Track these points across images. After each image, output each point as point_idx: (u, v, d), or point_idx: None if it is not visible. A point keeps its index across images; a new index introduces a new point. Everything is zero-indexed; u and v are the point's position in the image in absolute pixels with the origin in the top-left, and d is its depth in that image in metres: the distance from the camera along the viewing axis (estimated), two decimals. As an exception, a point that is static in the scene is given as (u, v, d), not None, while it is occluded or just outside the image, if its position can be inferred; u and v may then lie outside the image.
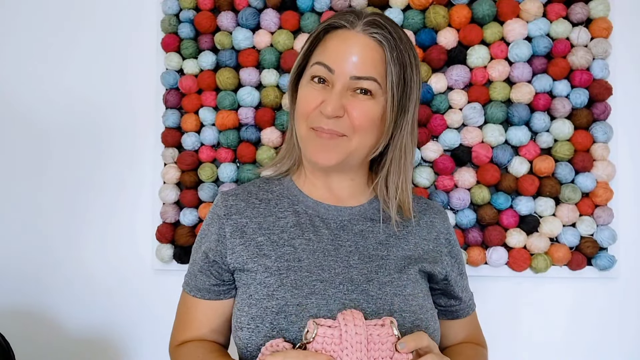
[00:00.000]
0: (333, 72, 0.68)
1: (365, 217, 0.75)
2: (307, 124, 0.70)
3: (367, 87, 0.68)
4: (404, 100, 0.71)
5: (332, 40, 0.70)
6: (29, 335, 1.26)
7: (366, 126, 0.69)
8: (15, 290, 1.27)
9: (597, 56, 1.09)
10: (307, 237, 0.71)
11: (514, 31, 1.10)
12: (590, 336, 1.14)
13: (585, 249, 1.09)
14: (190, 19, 1.20)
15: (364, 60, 0.68)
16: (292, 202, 0.76)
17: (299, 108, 0.72)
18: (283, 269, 0.69)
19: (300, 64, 0.75)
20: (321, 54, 0.70)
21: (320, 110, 0.68)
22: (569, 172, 1.09)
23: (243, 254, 0.71)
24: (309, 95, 0.70)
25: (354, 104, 0.68)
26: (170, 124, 1.21)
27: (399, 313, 0.66)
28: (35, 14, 1.30)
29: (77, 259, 1.26)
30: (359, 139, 0.69)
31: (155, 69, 1.23)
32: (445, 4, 1.13)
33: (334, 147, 0.69)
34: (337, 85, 0.68)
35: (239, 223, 0.74)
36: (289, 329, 0.64)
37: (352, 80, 0.68)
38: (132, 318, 1.24)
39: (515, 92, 1.10)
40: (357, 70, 0.67)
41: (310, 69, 0.71)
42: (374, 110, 0.69)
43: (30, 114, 1.29)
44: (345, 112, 0.68)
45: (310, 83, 0.71)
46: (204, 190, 1.17)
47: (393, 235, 0.74)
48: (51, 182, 1.27)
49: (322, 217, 0.74)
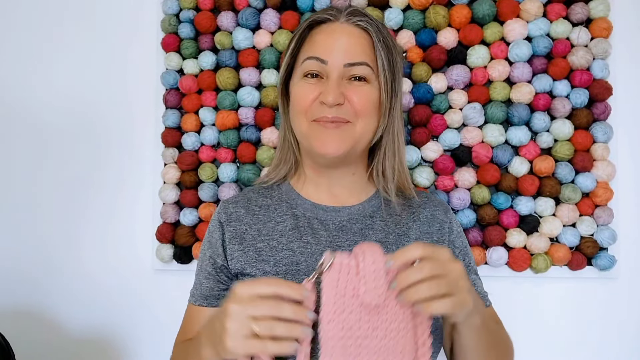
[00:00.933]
0: (326, 63, 0.69)
1: (365, 214, 0.75)
2: (307, 118, 0.71)
3: (361, 73, 0.69)
4: (394, 83, 0.73)
5: (319, 34, 0.72)
6: (29, 335, 1.25)
7: (368, 110, 0.70)
8: (15, 291, 1.27)
9: (597, 56, 1.09)
10: (306, 240, 0.71)
11: (514, 31, 1.10)
12: (590, 336, 1.14)
13: (585, 249, 1.09)
14: (190, 19, 1.20)
15: (354, 47, 0.69)
16: (290, 205, 0.76)
17: (295, 105, 0.72)
18: (281, 273, 0.69)
19: (288, 64, 0.75)
20: (310, 50, 0.71)
21: (320, 100, 0.69)
22: (569, 172, 1.09)
23: (241, 259, 0.72)
24: (304, 91, 0.71)
25: (352, 90, 0.69)
26: (170, 124, 1.21)
27: None
28: (35, 14, 1.29)
29: (77, 259, 1.26)
30: (363, 124, 0.70)
31: (155, 69, 1.23)
32: (445, 4, 1.13)
33: (340, 135, 0.69)
34: (333, 74, 0.69)
35: (238, 230, 0.74)
36: None
37: (346, 67, 0.69)
38: (132, 318, 1.24)
39: (515, 92, 1.10)
40: (349, 57, 0.69)
41: (301, 66, 0.72)
42: (372, 94, 0.70)
43: (29, 114, 1.29)
44: (346, 99, 0.69)
45: (303, 79, 0.71)
46: (204, 190, 1.17)
47: (393, 232, 0.74)
48: (51, 182, 1.27)
49: (321, 219, 0.74)
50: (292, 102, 0.74)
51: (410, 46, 1.13)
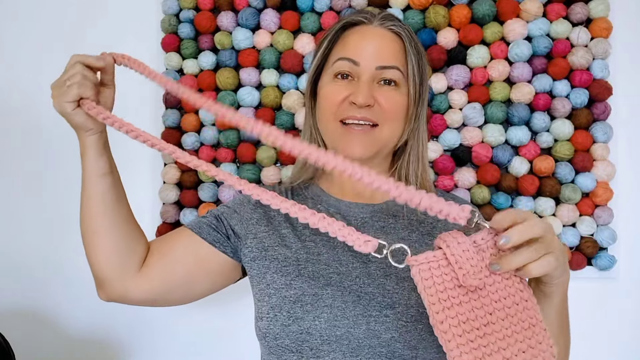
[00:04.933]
0: (358, 65, 0.70)
1: (388, 213, 0.75)
2: (335, 118, 0.71)
3: (392, 77, 0.70)
4: (422, 89, 0.73)
5: (352, 35, 0.72)
6: (29, 335, 1.25)
7: (396, 114, 0.71)
8: (15, 290, 1.27)
9: (597, 56, 1.09)
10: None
11: (514, 31, 1.10)
12: (590, 336, 1.13)
13: (585, 249, 1.09)
14: (190, 19, 1.20)
15: (386, 51, 0.70)
16: (315, 202, 0.77)
17: (324, 105, 0.73)
18: (302, 260, 0.70)
19: (318, 64, 0.75)
20: (342, 50, 0.72)
21: (350, 100, 0.69)
22: (569, 172, 1.09)
23: (265, 240, 0.73)
24: (334, 91, 0.71)
25: (382, 93, 0.70)
26: (170, 124, 1.21)
27: (415, 308, 0.65)
28: (35, 14, 1.29)
29: (77, 258, 1.26)
30: (390, 128, 0.71)
31: (155, 69, 1.22)
32: (445, 3, 1.13)
33: (366, 139, 0.70)
34: (364, 76, 0.69)
35: (268, 214, 0.76)
36: (304, 318, 0.65)
37: (378, 70, 0.69)
38: (132, 318, 1.24)
39: (515, 92, 1.10)
40: (382, 60, 0.70)
41: (332, 66, 0.72)
42: (401, 99, 0.71)
43: (29, 114, 1.28)
44: (375, 102, 0.69)
45: (334, 80, 0.72)
46: (204, 190, 1.17)
47: (417, 231, 0.74)
48: (51, 181, 1.27)
49: (344, 214, 0.74)
50: (320, 101, 0.74)
51: (410, 46, 1.13)
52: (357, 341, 0.64)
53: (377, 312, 0.65)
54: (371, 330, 0.64)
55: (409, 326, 0.64)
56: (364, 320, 0.64)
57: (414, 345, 0.63)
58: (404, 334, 0.63)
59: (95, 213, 0.73)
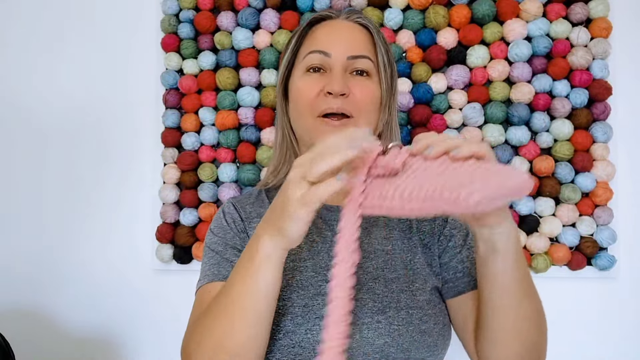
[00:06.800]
0: (329, 56, 0.70)
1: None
2: (312, 114, 0.70)
3: (363, 66, 0.70)
4: (393, 80, 0.74)
5: (321, 29, 0.73)
6: (29, 335, 1.25)
7: (370, 105, 0.71)
8: (15, 290, 1.27)
9: (596, 56, 1.09)
10: (312, 239, 0.71)
11: (514, 31, 1.10)
12: (590, 336, 1.14)
13: (585, 249, 1.09)
14: (190, 19, 1.20)
15: (356, 42, 0.71)
16: None
17: (299, 101, 0.72)
18: (289, 269, 0.68)
19: (288, 61, 0.76)
20: (312, 44, 0.72)
21: (326, 91, 0.69)
22: (568, 172, 1.09)
23: None
24: (308, 84, 0.71)
25: (356, 83, 0.70)
26: (170, 124, 1.21)
27: (405, 310, 0.65)
28: (35, 14, 1.30)
29: (77, 259, 1.26)
30: (366, 119, 0.71)
31: (155, 69, 1.23)
32: (445, 4, 1.13)
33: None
34: (336, 67, 0.70)
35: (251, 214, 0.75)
36: (295, 331, 0.63)
37: (350, 60, 0.70)
38: (132, 318, 1.24)
39: (515, 92, 1.10)
40: (352, 50, 0.70)
41: (303, 61, 0.72)
42: (373, 89, 0.71)
43: (29, 114, 1.29)
44: (350, 92, 0.69)
45: (306, 74, 0.72)
46: (203, 190, 1.17)
47: (397, 228, 0.73)
48: (51, 182, 1.27)
49: (325, 219, 0.74)
50: (293, 98, 0.74)
51: (410, 46, 1.13)
52: (350, 350, 0.63)
53: (369, 318, 0.64)
54: (364, 338, 0.63)
55: (401, 329, 0.63)
56: (357, 329, 0.63)
57: (406, 347, 0.63)
58: (396, 337, 0.63)
59: (259, 331, 0.58)
